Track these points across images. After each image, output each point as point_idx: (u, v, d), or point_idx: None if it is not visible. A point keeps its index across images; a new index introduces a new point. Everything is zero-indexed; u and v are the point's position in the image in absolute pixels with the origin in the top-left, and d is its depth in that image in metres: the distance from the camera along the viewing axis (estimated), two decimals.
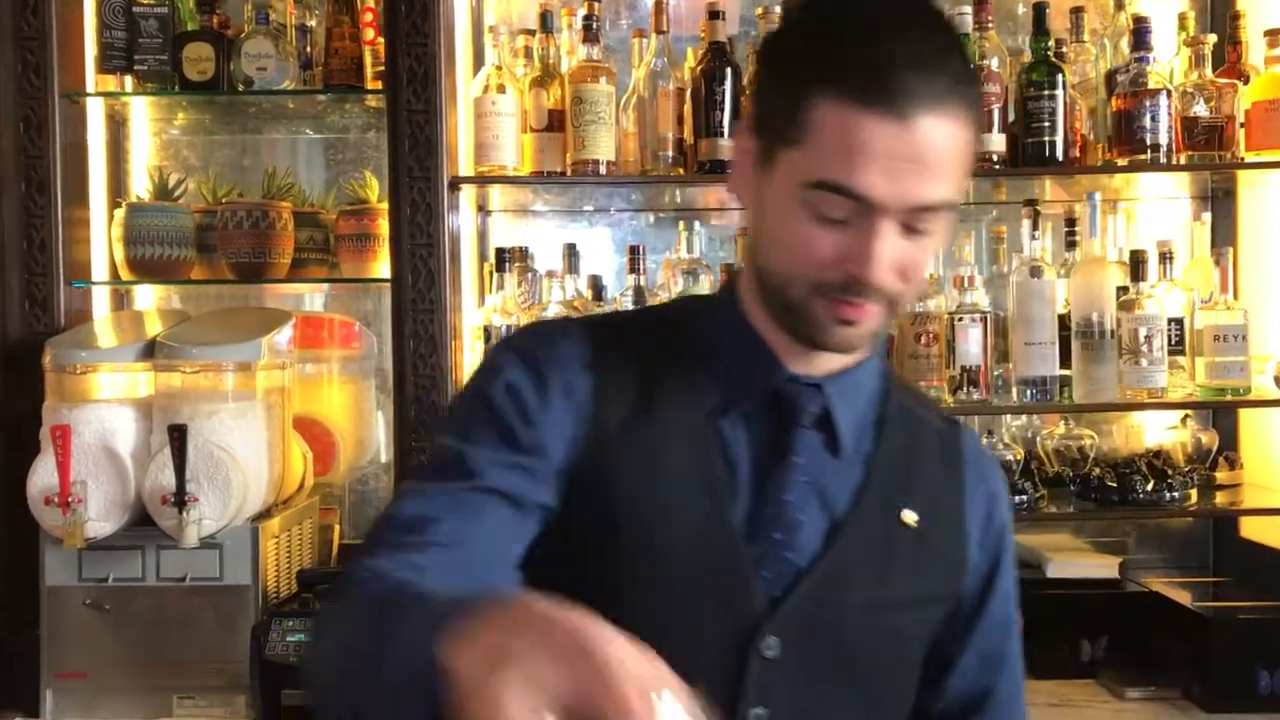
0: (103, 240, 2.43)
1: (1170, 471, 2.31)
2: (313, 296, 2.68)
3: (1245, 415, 2.55)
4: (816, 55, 0.97)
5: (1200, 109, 2.22)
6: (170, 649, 2.09)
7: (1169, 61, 2.38)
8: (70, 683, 2.11)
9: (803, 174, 0.96)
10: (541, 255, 2.47)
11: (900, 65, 0.93)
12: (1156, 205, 2.66)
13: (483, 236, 2.60)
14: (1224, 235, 2.56)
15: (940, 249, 1.00)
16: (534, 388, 1.03)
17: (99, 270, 2.43)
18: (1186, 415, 2.48)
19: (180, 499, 1.99)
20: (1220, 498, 2.42)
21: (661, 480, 1.04)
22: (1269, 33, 2.26)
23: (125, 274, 2.39)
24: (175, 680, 2.10)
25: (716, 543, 1.04)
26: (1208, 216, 2.51)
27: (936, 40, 0.97)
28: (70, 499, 2.01)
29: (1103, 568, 2.43)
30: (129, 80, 2.40)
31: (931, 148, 0.94)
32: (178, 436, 1.99)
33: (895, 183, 0.94)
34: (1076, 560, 2.45)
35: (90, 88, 2.38)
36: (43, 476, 2.04)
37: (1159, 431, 2.54)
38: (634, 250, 2.35)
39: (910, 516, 1.09)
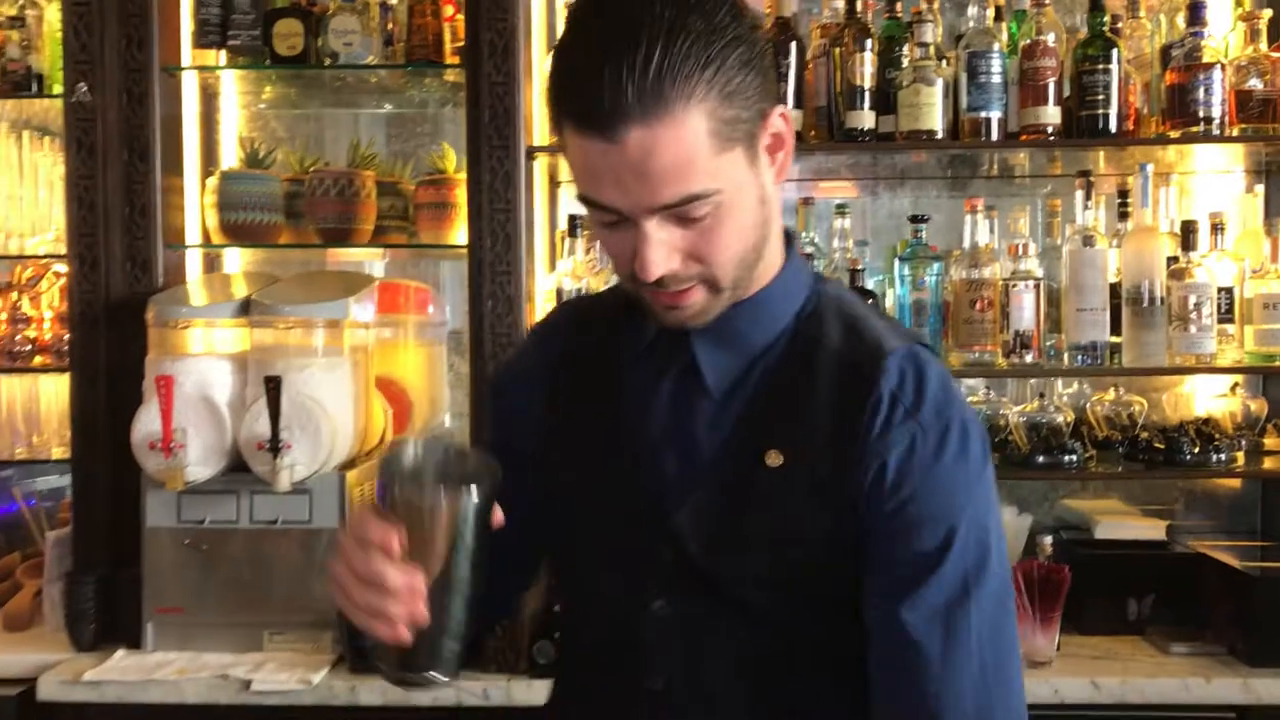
0: (195, 206, 2.58)
1: (1217, 436, 2.37)
2: (374, 264, 2.81)
3: None
4: (554, 86, 1.03)
5: (1254, 83, 2.28)
6: (262, 587, 2.24)
7: (1224, 37, 2.44)
8: (169, 617, 2.26)
9: (576, 186, 1.06)
10: None
11: (598, 86, 0.96)
12: (1211, 178, 2.72)
13: (554, 205, 2.72)
14: (1278, 207, 2.61)
15: (744, 223, 1.04)
16: (513, 377, 1.30)
17: (192, 234, 2.57)
18: (1236, 384, 2.55)
19: (275, 445, 2.13)
20: (1269, 463, 2.48)
21: (574, 429, 1.20)
22: None
23: (217, 238, 2.53)
24: (266, 616, 2.24)
25: (609, 475, 1.17)
26: (1261, 189, 2.56)
27: (637, 42, 0.96)
28: (172, 444, 2.15)
29: (1149, 529, 2.50)
30: (222, 55, 2.54)
31: (646, 157, 0.97)
32: (273, 387, 2.13)
33: (627, 193, 0.99)
34: (1124, 522, 2.53)
35: (187, 62, 2.52)
36: (146, 423, 2.18)
37: (1208, 400, 2.61)
38: None
39: (774, 458, 1.09)
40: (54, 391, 2.69)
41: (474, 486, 1.03)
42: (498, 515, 1.04)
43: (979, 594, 1.04)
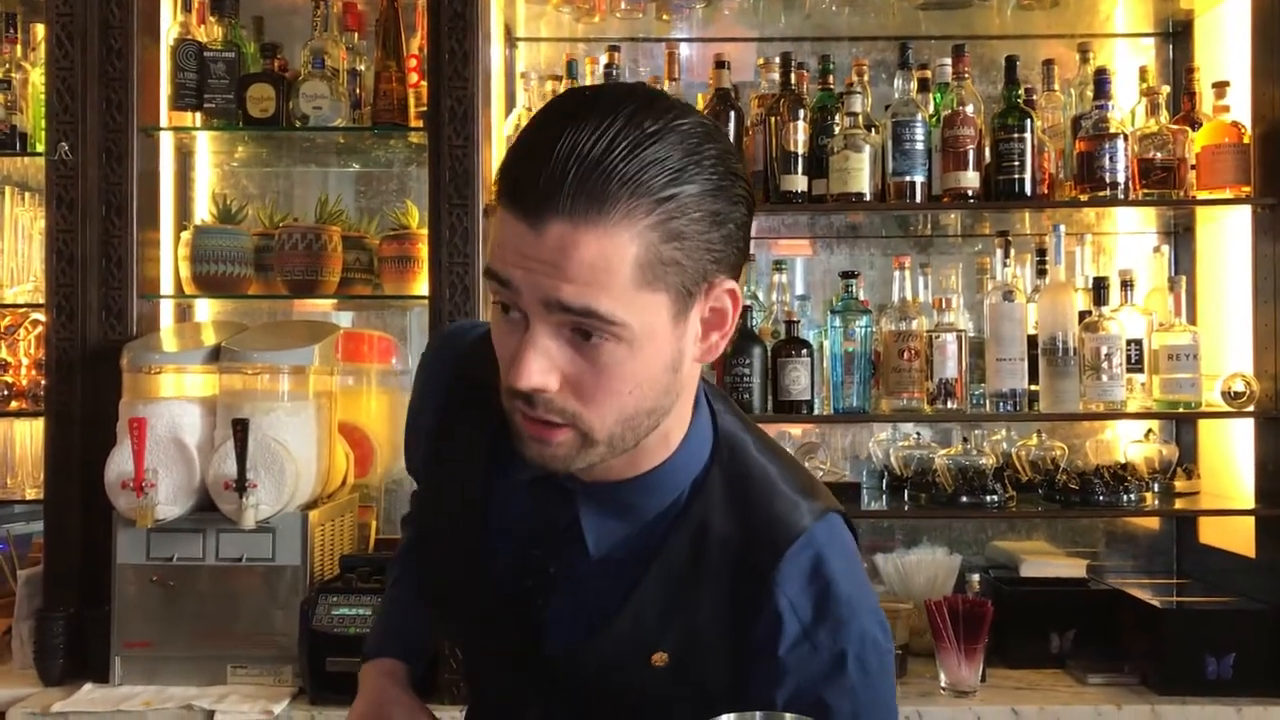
0: (169, 258, 2.70)
1: (1129, 478, 2.53)
2: (343, 315, 2.95)
3: (1204, 431, 2.78)
4: (504, 158, 0.95)
5: (1155, 153, 2.47)
6: (226, 623, 2.34)
7: (1131, 109, 2.64)
8: (136, 651, 2.36)
9: (488, 257, 0.97)
10: None
11: (544, 170, 0.88)
12: (1126, 239, 2.92)
13: None
14: (1185, 267, 2.81)
15: (644, 381, 0.95)
16: (415, 413, 1.25)
17: (165, 285, 2.69)
18: (1150, 430, 2.71)
19: (241, 485, 2.24)
20: (1178, 504, 2.64)
21: (448, 504, 1.16)
22: (1216, 85, 2.51)
23: (189, 289, 2.65)
24: (230, 650, 2.34)
25: (479, 589, 1.12)
26: (1167, 249, 2.75)
27: (604, 142, 0.88)
28: (144, 484, 2.26)
29: (1070, 568, 2.66)
30: (198, 116, 2.68)
31: (561, 253, 0.89)
32: (240, 429, 2.25)
33: (529, 275, 0.90)
34: (1047, 561, 2.68)
35: (164, 123, 2.66)
36: (119, 464, 2.29)
37: (1127, 445, 2.77)
38: None
39: (660, 659, 1.03)
40: (29, 435, 2.80)
41: None
42: None
43: None
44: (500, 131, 2.63)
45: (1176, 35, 2.91)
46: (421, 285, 2.59)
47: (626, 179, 0.88)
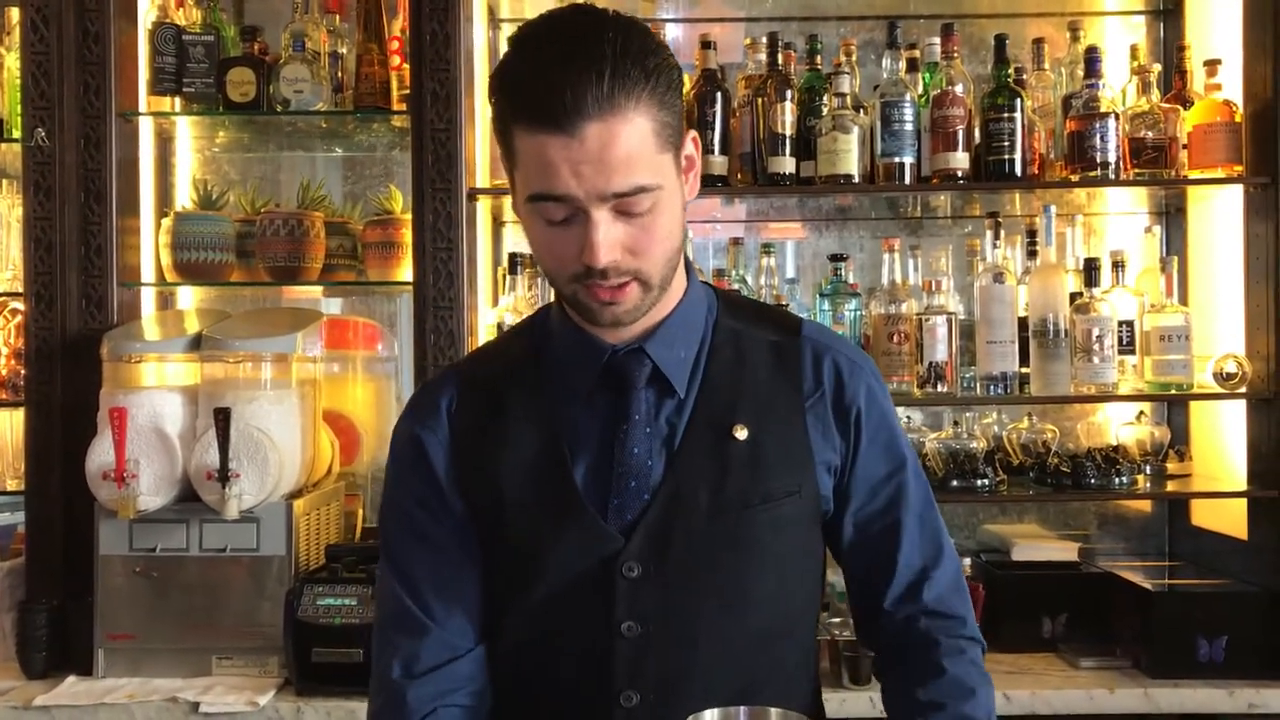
0: (150, 246, 2.67)
1: (1121, 461, 2.52)
2: (332, 302, 2.92)
3: (1195, 412, 2.76)
4: (507, 95, 1.15)
5: (1146, 132, 2.44)
6: (211, 613, 2.31)
7: (1122, 88, 2.61)
8: (120, 643, 2.33)
9: (524, 191, 1.17)
10: None
11: (561, 89, 1.10)
12: (1117, 220, 2.89)
13: (497, 244, 2.84)
14: (1177, 247, 2.78)
15: (673, 224, 1.19)
16: (419, 462, 1.31)
17: (146, 273, 2.66)
18: (1142, 412, 2.69)
19: (224, 475, 2.21)
20: (1170, 486, 2.62)
21: (516, 469, 1.27)
22: (1207, 63, 2.49)
23: (171, 276, 2.62)
24: (215, 642, 2.31)
25: (566, 502, 1.25)
26: (1159, 229, 2.73)
27: (593, 57, 1.11)
28: (125, 475, 2.23)
29: (1062, 551, 2.64)
30: (177, 101, 2.64)
31: (604, 149, 1.11)
32: (222, 418, 2.22)
33: (583, 181, 1.12)
34: (1039, 545, 2.66)
35: (143, 108, 2.62)
36: (100, 455, 2.26)
37: (1118, 428, 2.75)
38: None
39: (740, 431, 1.26)
40: (8, 425, 2.76)
41: None
42: None
43: (922, 479, 1.38)
44: (484, 114, 2.59)
45: (1168, 13, 2.88)
46: (406, 271, 2.56)
47: (626, 73, 1.11)
